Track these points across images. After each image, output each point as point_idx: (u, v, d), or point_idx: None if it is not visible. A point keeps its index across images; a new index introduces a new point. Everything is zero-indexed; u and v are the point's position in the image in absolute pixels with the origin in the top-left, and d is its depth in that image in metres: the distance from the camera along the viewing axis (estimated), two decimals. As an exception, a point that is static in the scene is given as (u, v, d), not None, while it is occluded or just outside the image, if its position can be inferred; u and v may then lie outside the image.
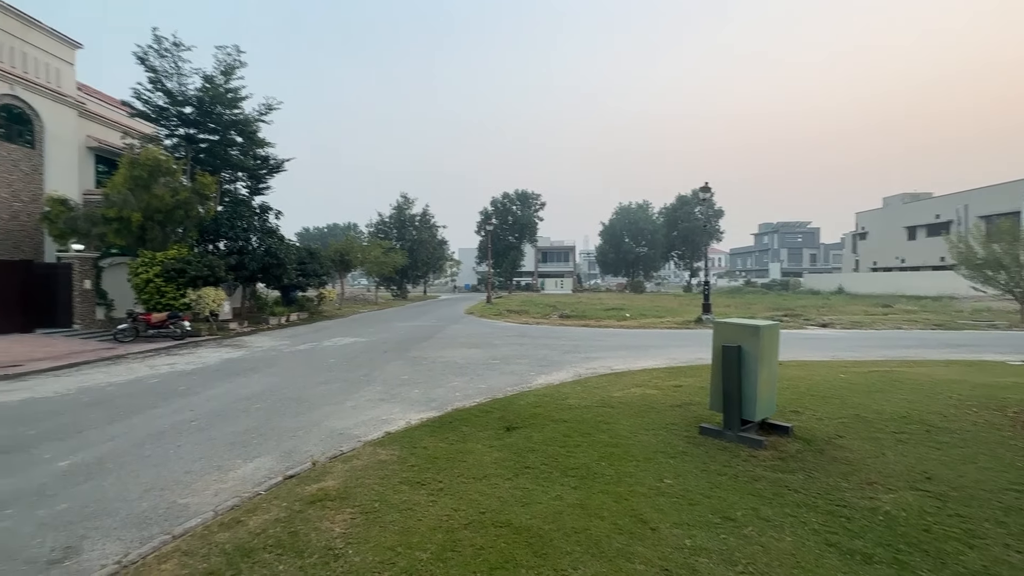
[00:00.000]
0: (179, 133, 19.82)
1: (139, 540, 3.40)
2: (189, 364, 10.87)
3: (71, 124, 18.12)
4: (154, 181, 15.79)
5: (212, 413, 6.76)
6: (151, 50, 18.30)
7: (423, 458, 4.82)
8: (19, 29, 16.30)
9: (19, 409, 7.07)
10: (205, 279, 16.12)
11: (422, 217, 50.69)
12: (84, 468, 4.75)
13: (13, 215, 16.07)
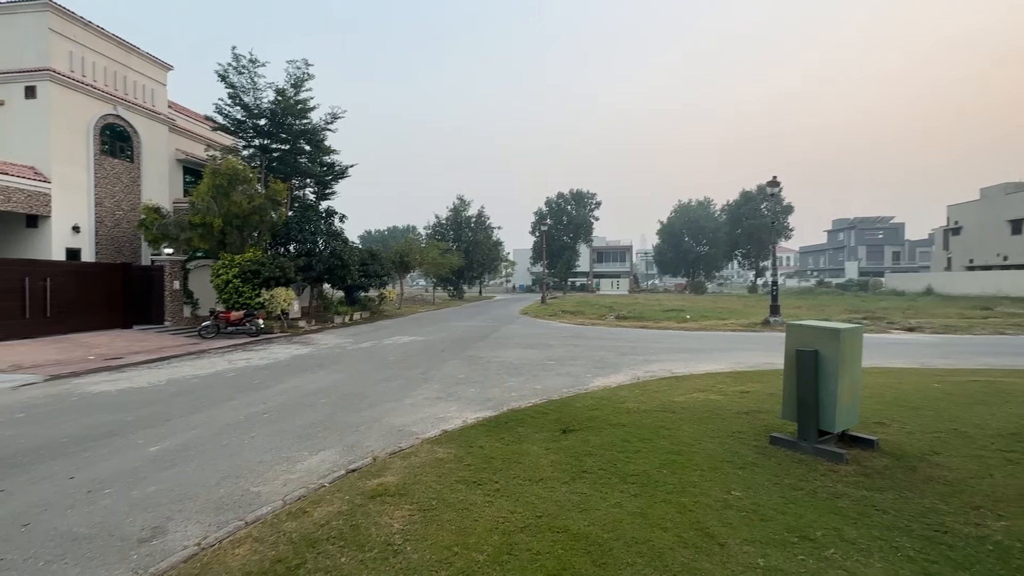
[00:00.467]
0: (255, 144, 21.25)
1: (216, 524, 3.62)
2: (262, 359, 11.59)
3: (163, 139, 19.91)
4: (233, 189, 17.01)
5: (282, 406, 7.14)
6: (230, 67, 19.74)
7: (479, 458, 4.82)
8: (121, 55, 18.11)
9: (119, 398, 7.80)
10: (277, 280, 17.15)
11: (477, 218, 51.41)
12: (171, 454, 5.14)
13: (116, 223, 17.88)
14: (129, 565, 3.11)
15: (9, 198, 14.63)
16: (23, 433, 5.90)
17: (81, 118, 16.56)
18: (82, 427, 6.14)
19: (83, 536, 3.45)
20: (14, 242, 15.83)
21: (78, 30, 16.57)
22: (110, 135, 17.70)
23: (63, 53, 16.05)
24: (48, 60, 15.58)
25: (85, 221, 16.77)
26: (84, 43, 16.76)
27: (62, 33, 16.04)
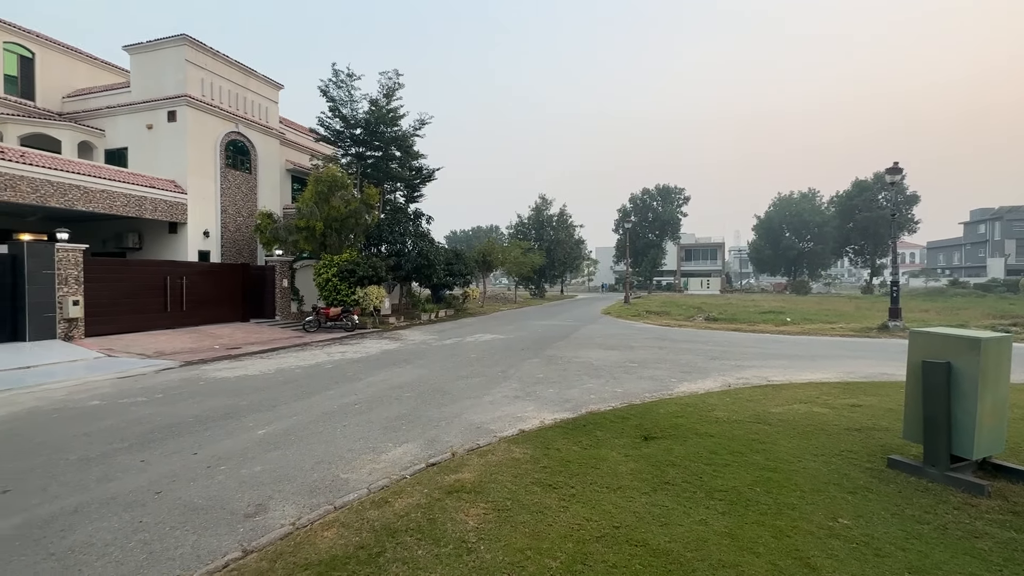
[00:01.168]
0: (351, 152, 22.85)
1: (309, 507, 3.90)
2: (356, 353, 12.41)
3: (275, 151, 22.08)
4: (332, 195, 18.42)
5: (371, 398, 7.57)
6: (331, 83, 21.39)
7: (556, 460, 4.75)
8: (241, 78, 20.33)
9: (236, 384, 8.76)
10: (370, 279, 18.32)
11: (559, 217, 51.20)
12: (275, 437, 5.65)
13: (237, 228, 20.13)
14: (236, 537, 3.44)
15: (156, 208, 17.06)
16: (160, 412, 6.81)
17: (210, 136, 18.86)
18: (205, 409, 6.95)
19: (201, 507, 3.88)
20: (159, 246, 18.42)
21: (208, 59, 18.87)
22: (233, 150, 19.96)
23: (196, 80, 18.36)
24: (185, 87, 17.91)
25: (213, 226, 19.07)
26: (212, 70, 19.05)
27: (195, 63, 18.35)
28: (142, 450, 5.22)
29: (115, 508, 3.86)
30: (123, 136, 18.83)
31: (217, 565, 3.07)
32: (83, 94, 19.74)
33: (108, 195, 15.63)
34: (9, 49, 18.40)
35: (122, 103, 18.82)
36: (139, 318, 14.22)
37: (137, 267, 15.04)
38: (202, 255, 18.62)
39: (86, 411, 6.86)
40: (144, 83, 18.49)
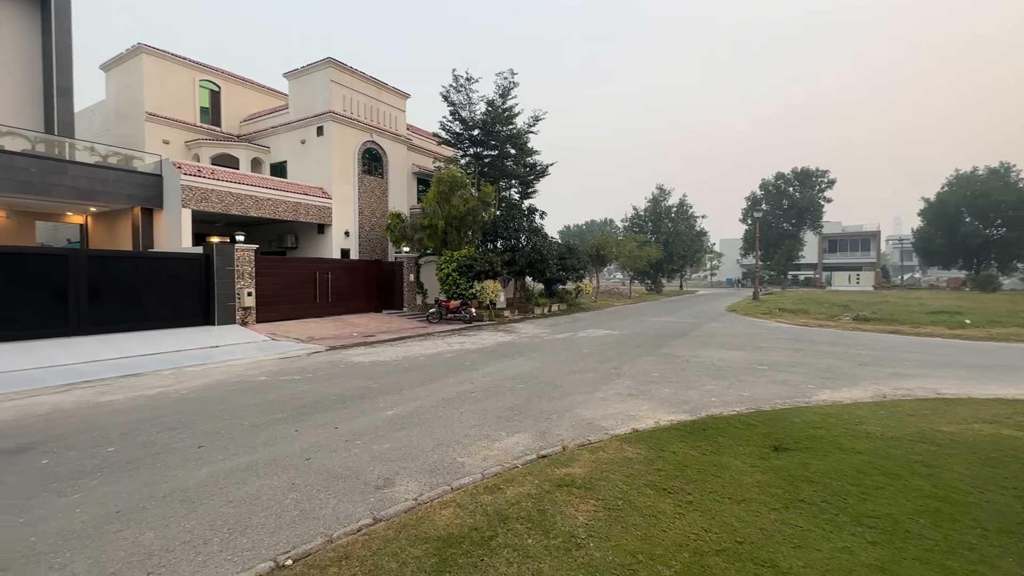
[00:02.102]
0: (470, 152, 23.96)
1: (429, 485, 4.20)
2: (473, 344, 13.04)
3: (403, 156, 24.00)
4: (453, 194, 19.51)
5: (486, 388, 7.90)
6: (451, 88, 22.61)
7: (672, 463, 4.52)
8: (374, 91, 22.41)
9: (370, 368, 9.73)
10: (486, 273, 19.08)
11: (678, 208, 48.46)
12: (401, 418, 6.17)
13: (371, 227, 22.32)
14: (368, 505, 3.82)
15: (308, 212, 19.60)
16: (311, 389, 7.83)
17: (350, 146, 21.12)
18: (345, 389, 7.84)
19: (340, 475, 4.39)
20: (310, 245, 21.15)
21: (348, 77, 21.11)
22: (368, 157, 22.14)
23: (339, 97, 20.66)
24: (330, 104, 20.26)
25: (352, 227, 21.37)
26: (351, 87, 21.27)
27: (338, 82, 20.65)
28: (296, 421, 6.05)
29: (275, 469, 4.54)
30: (284, 151, 21.91)
31: (352, 528, 3.44)
32: (254, 118, 23.35)
33: (273, 202, 18.33)
34: (203, 85, 22.43)
35: (282, 123, 21.90)
36: (295, 308, 16.49)
37: (294, 264, 17.43)
38: (343, 252, 20.97)
39: (256, 385, 8.15)
40: (298, 103, 21.30)
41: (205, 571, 2.98)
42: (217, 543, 3.28)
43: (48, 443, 5.27)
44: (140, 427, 5.82)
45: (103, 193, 15.03)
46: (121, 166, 16.00)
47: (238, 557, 3.12)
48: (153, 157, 16.96)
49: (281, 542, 3.29)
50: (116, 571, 2.97)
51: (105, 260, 12.35)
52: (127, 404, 6.91)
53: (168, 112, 20.89)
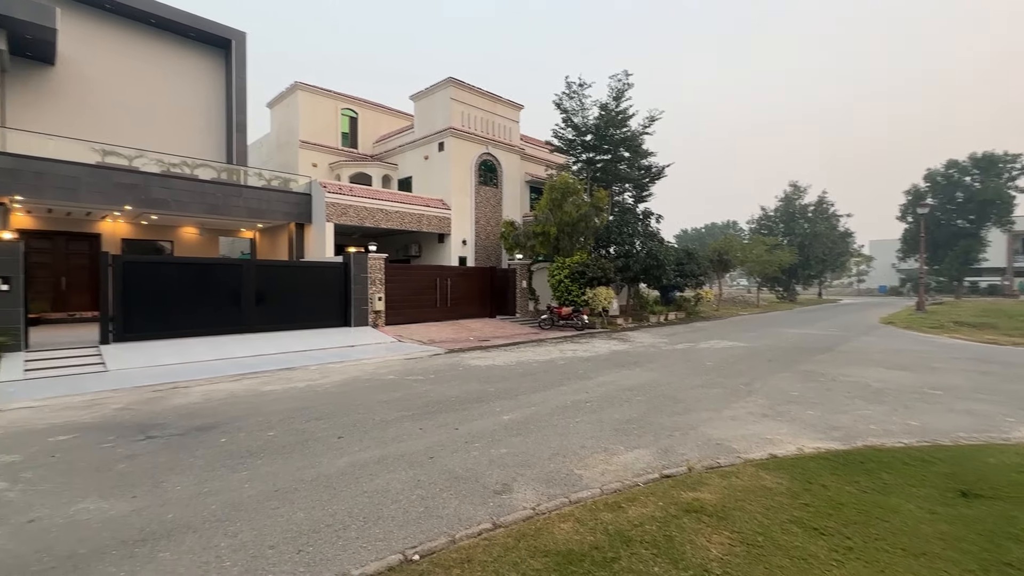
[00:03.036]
0: (582, 158, 23.78)
1: (546, 495, 4.13)
2: (586, 352, 12.82)
3: (516, 166, 24.62)
4: (565, 201, 19.51)
5: (602, 398, 7.67)
6: (563, 95, 22.69)
7: (823, 500, 3.92)
8: (490, 105, 23.33)
9: (486, 372, 10.03)
10: (599, 280, 18.72)
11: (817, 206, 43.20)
12: (517, 424, 6.22)
13: (487, 235, 23.20)
14: (487, 510, 3.87)
15: (430, 223, 20.99)
16: (433, 390, 8.27)
17: (468, 159, 22.22)
18: (463, 391, 8.15)
19: (461, 477, 4.52)
20: (431, 253, 22.61)
21: (465, 93, 22.27)
22: (484, 168, 23.09)
23: (458, 113, 21.88)
24: (449, 121, 21.54)
25: (469, 236, 22.41)
26: (469, 102, 22.40)
27: (457, 99, 21.88)
28: (420, 420, 6.40)
29: (403, 464, 4.82)
30: (409, 167, 23.77)
31: (473, 531, 3.50)
32: (384, 139, 25.69)
33: (399, 215, 19.95)
34: (344, 113, 25.26)
35: (408, 141, 23.78)
36: (418, 312, 17.70)
37: (417, 271, 18.75)
38: (461, 260, 22.05)
39: (385, 383, 8.83)
40: (422, 122, 22.98)
41: (345, 555, 3.23)
42: (355, 530, 3.55)
43: (225, 424, 6.21)
44: (293, 415, 6.60)
45: (268, 211, 17.60)
46: (281, 188, 18.60)
47: (372, 546, 3.34)
48: (305, 179, 19.46)
49: (409, 536, 3.46)
50: (274, 544, 3.35)
51: (268, 268, 14.41)
52: (283, 394, 7.91)
53: (316, 139, 23.87)
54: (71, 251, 16.54)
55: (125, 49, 17.21)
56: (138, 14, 17.10)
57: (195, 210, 15.89)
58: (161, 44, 18.02)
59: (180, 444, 5.44)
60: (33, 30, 13.72)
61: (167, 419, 6.46)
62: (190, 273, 12.84)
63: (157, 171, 15.38)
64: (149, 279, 12.01)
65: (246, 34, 19.48)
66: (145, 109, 17.61)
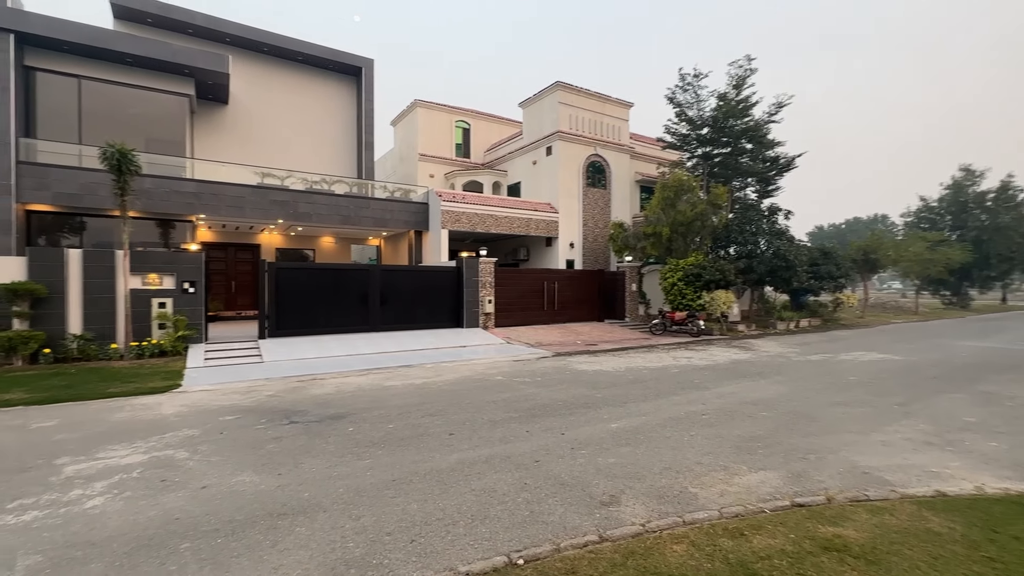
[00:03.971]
0: (697, 153, 22.36)
1: (657, 512, 3.88)
2: (702, 360, 11.95)
3: (626, 165, 23.90)
4: (678, 199, 18.49)
5: (720, 411, 7.06)
6: (677, 89, 21.53)
7: (1017, 556, 3.17)
8: (598, 106, 22.96)
9: (593, 377, 9.82)
10: (717, 283, 17.39)
11: (999, 194, 35.76)
12: (626, 433, 5.97)
13: (594, 238, 22.84)
14: (593, 521, 3.74)
15: (538, 227, 21.24)
16: (539, 393, 8.30)
17: (575, 161, 22.09)
18: (570, 396, 8.05)
19: (566, 483, 4.44)
20: (539, 257, 22.84)
21: (573, 96, 22.18)
22: (592, 170, 22.78)
23: (566, 117, 21.87)
24: (557, 125, 21.60)
25: (577, 238, 22.25)
26: (577, 104, 22.27)
27: (565, 102, 21.88)
28: (527, 422, 6.45)
29: (509, 466, 4.87)
30: (518, 173, 24.31)
31: (579, 542, 3.40)
32: (494, 147, 26.58)
33: (508, 220, 20.47)
34: (458, 125, 26.66)
35: (516, 148, 24.33)
36: (525, 315, 17.97)
37: (525, 274, 19.06)
38: (568, 263, 21.97)
39: (494, 384, 9.07)
40: (530, 128, 23.36)
41: (453, 550, 3.33)
42: (463, 526, 3.65)
43: (352, 415, 6.83)
44: (410, 410, 7.05)
45: (390, 220, 19.17)
46: (402, 198, 20.15)
47: (478, 545, 3.40)
48: (422, 189, 20.86)
49: (514, 539, 3.47)
50: (391, 532, 3.57)
51: (390, 272, 15.67)
52: (402, 390, 8.51)
53: (433, 151, 25.49)
54: (238, 259, 19.58)
55: (277, 84, 19.95)
56: (288, 53, 19.73)
57: (332, 221, 17.85)
58: (305, 76, 20.58)
59: (316, 430, 6.10)
60: (213, 76, 16.51)
61: (306, 407, 7.29)
62: (327, 277, 14.46)
63: (302, 188, 17.57)
64: (295, 282, 13.74)
65: (373, 61, 21.45)
66: (293, 134, 20.23)
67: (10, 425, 6.34)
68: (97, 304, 11.20)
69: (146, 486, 4.40)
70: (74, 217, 14.89)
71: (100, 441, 5.68)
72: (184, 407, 7.31)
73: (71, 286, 11.05)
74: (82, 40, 14.28)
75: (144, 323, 11.62)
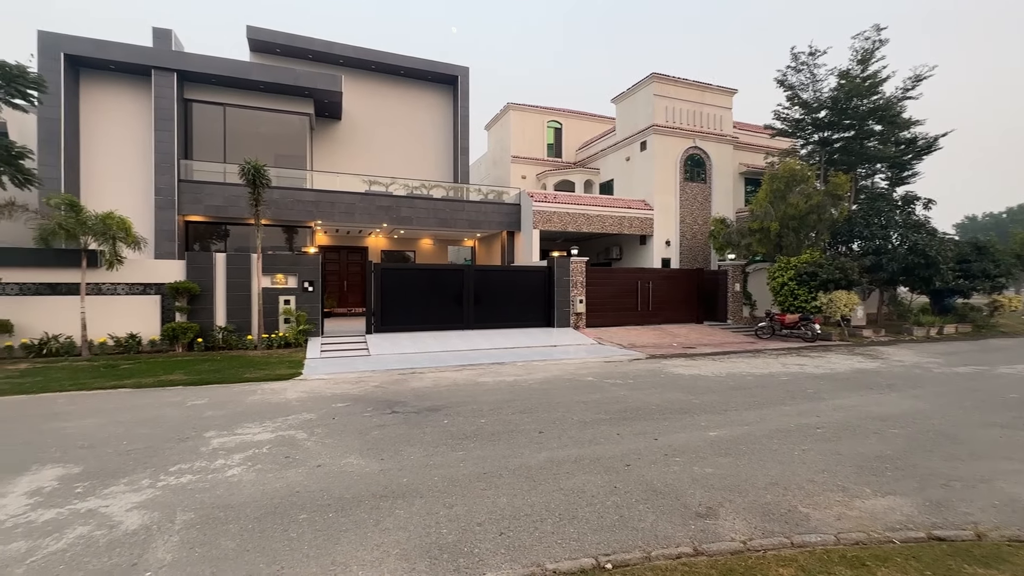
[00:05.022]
0: (813, 140, 20.26)
1: (761, 530, 3.59)
2: (817, 368, 10.81)
3: (728, 157, 22.34)
4: (789, 191, 16.90)
5: (839, 425, 6.34)
6: (788, 70, 19.67)
7: None
8: (697, 95, 21.72)
9: (690, 382, 9.32)
10: (836, 282, 15.64)
11: None
12: (725, 442, 5.59)
13: (693, 235, 21.65)
14: (688, 532, 3.56)
15: (632, 224, 20.62)
16: (631, 395, 8.06)
17: (671, 155, 21.11)
18: (664, 400, 7.72)
19: (659, 490, 4.27)
20: (632, 256, 22.16)
21: (670, 87, 21.19)
22: (690, 164, 21.61)
23: (661, 109, 20.97)
24: (652, 119, 20.80)
25: (673, 236, 21.25)
26: (673, 96, 21.25)
27: (661, 95, 20.98)
28: (617, 425, 6.30)
29: (599, 468, 4.80)
30: (611, 170, 23.80)
31: (671, 552, 3.26)
32: (586, 145, 26.27)
33: (600, 218, 20.13)
34: (550, 125, 26.76)
35: (609, 145, 23.83)
36: (617, 315, 17.53)
37: (618, 274, 18.61)
38: (664, 262, 21.06)
39: (584, 384, 8.98)
40: (624, 123, 22.74)
41: (541, 547, 3.36)
42: (551, 524, 3.67)
43: (447, 408, 7.17)
44: (501, 406, 7.23)
45: (484, 222, 19.78)
46: (495, 200, 20.69)
47: (566, 544, 3.40)
48: (515, 190, 21.24)
49: (602, 542, 3.41)
50: (481, 522, 3.69)
51: (484, 272, 16.17)
52: (494, 386, 8.74)
53: (525, 152, 25.84)
54: (350, 261, 21.42)
55: (382, 97, 21.48)
56: (391, 68, 21.16)
57: (430, 224, 18.85)
58: (406, 88, 21.93)
59: (415, 421, 6.48)
60: (328, 95, 18.23)
61: (406, 399, 7.78)
62: (425, 276, 15.31)
63: (404, 194, 18.76)
64: (398, 281, 14.72)
65: (469, 68, 22.26)
66: (396, 143, 21.66)
67: (172, 401, 7.54)
68: (237, 301, 12.93)
69: (273, 461, 4.99)
70: (220, 225, 17.31)
71: (238, 419, 6.55)
72: (303, 393, 8.17)
73: (217, 285, 12.87)
74: (227, 72, 16.53)
75: (272, 317, 13.18)
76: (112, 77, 16.13)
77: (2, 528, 3.61)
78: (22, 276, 11.53)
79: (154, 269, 12.62)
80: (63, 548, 3.33)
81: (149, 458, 5.07)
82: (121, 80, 16.18)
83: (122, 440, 5.66)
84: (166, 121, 15.81)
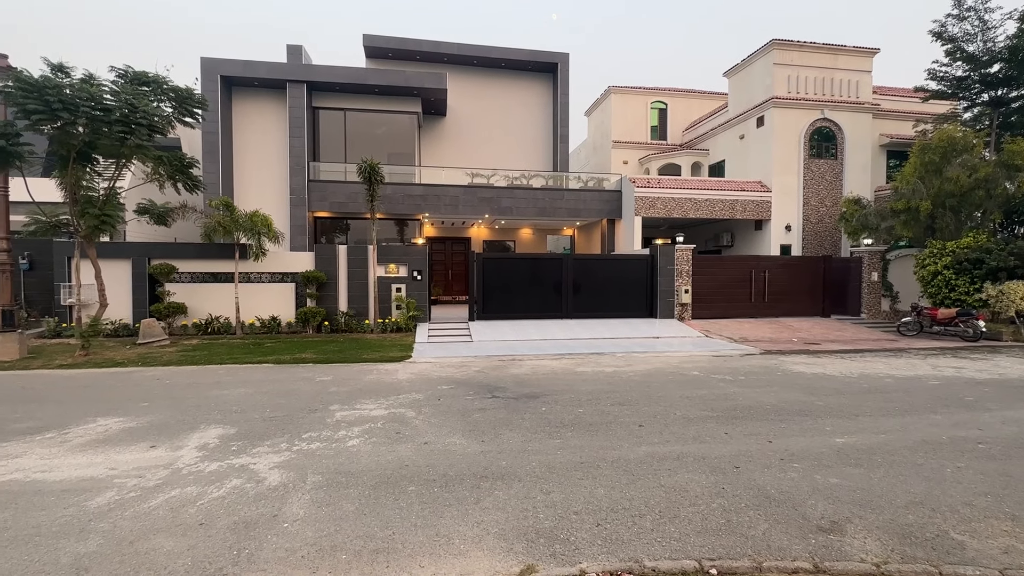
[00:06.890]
0: (980, 101, 17.00)
1: (899, 553, 3.14)
2: (980, 372, 9.14)
3: (866, 128, 19.57)
4: (947, 163, 14.39)
5: (1009, 441, 5.32)
6: (948, 19, 16.63)
7: None
8: (827, 60, 19.24)
9: (812, 381, 8.41)
10: (1010, 271, 13.04)
11: None
12: (855, 451, 4.97)
13: (819, 219, 19.38)
14: (807, 546, 3.24)
15: (745, 209, 19.00)
16: (742, 393, 7.49)
17: (793, 130, 18.99)
18: (781, 400, 7.06)
19: (772, 498, 3.93)
20: (746, 242, 20.43)
21: (793, 53, 19.00)
22: (817, 139, 19.28)
23: (782, 80, 18.91)
24: (772, 90, 18.84)
25: (795, 220, 19.20)
26: (797, 63, 19.03)
27: (782, 63, 18.91)
28: (725, 424, 5.90)
29: (704, 468, 4.54)
30: (722, 151, 22.08)
31: (786, 566, 2.99)
32: (694, 125, 24.61)
33: (709, 203, 18.81)
34: (653, 106, 25.49)
35: (720, 123, 22.08)
36: (727, 307, 16.33)
37: (728, 262, 17.29)
38: (783, 249, 19.13)
39: (688, 379, 8.53)
40: (737, 99, 20.90)
41: (639, 543, 3.28)
42: (650, 520, 3.56)
43: (545, 396, 7.24)
44: (600, 397, 7.14)
45: (583, 210, 19.52)
46: (595, 188, 20.29)
47: (666, 543, 3.27)
48: (615, 177, 20.62)
49: (706, 546, 3.23)
50: (578, 512, 3.70)
51: (583, 261, 16.00)
52: (592, 376, 8.65)
53: (626, 137, 24.91)
54: (454, 251, 22.46)
55: (483, 90, 21.99)
56: (492, 61, 21.56)
57: (529, 214, 19.07)
58: (506, 79, 22.20)
59: (514, 406, 6.65)
60: (434, 93, 19.13)
61: (506, 384, 8.01)
62: (525, 266, 15.55)
63: (504, 185, 19.15)
64: (498, 271, 15.14)
65: (568, 55, 21.93)
66: (496, 134, 22.10)
67: (304, 377, 8.55)
68: (356, 288, 14.24)
69: (386, 435, 5.45)
70: (342, 220, 19.12)
71: (358, 396, 7.24)
72: (412, 375, 8.78)
73: (340, 274, 14.28)
74: (348, 80, 18.10)
75: (386, 304, 14.31)
76: (255, 92, 18.46)
77: (181, 474, 4.39)
78: (193, 267, 13.80)
79: (290, 260, 14.34)
80: (223, 495, 3.95)
81: (286, 425, 5.81)
82: (261, 94, 18.46)
83: (265, 408, 6.56)
84: (298, 128, 17.76)
